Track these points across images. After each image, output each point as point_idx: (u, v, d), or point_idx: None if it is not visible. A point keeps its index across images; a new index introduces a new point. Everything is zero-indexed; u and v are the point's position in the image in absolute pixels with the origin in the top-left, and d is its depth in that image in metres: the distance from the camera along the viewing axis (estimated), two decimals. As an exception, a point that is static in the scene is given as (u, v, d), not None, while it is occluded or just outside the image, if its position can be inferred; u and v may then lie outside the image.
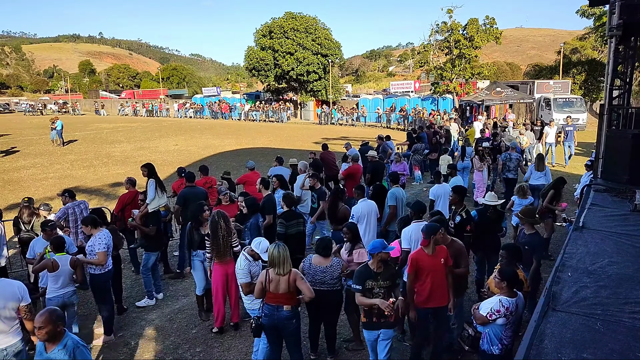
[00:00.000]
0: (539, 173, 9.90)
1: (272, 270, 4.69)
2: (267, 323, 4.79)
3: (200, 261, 6.34)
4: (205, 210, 6.36)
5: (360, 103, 40.55)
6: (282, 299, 4.71)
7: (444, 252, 4.83)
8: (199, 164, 16.62)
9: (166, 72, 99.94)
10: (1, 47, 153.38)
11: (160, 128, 34.19)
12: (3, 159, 20.08)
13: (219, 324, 6.08)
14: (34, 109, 54.09)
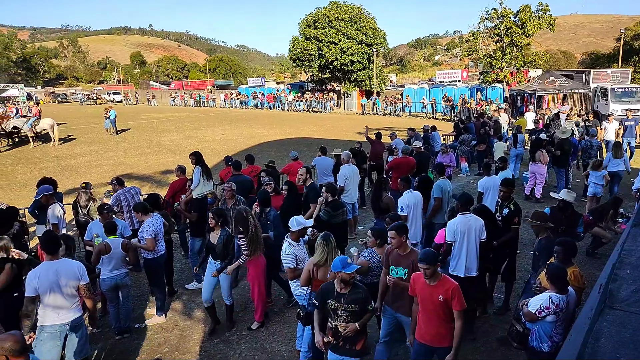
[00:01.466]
0: (618, 160, 10.04)
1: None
2: (313, 312, 4.84)
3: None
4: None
5: (405, 93, 39.93)
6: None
7: (444, 288, 4.00)
8: (244, 153, 16.92)
9: (213, 63, 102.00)
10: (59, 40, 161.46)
11: (208, 118, 35.01)
12: (61, 147, 21.19)
13: (261, 318, 6.09)
14: (89, 99, 56.75)
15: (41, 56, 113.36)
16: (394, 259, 4.60)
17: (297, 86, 53.21)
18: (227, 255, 5.82)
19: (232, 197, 7.00)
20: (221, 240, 5.74)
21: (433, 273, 3.98)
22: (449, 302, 3.98)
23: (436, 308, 4.04)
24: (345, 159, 8.99)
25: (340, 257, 4.12)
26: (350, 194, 8.78)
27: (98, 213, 6.62)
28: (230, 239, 5.83)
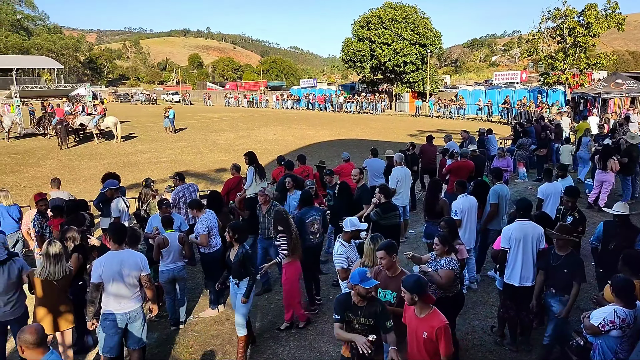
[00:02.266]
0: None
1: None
2: (364, 313, 4.82)
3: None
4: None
5: (460, 94, 38.95)
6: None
7: (430, 324, 3.52)
8: (295, 153, 17.13)
9: (266, 64, 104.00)
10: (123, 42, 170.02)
11: (260, 118, 35.71)
12: (123, 144, 22.30)
13: (304, 318, 6.06)
14: (150, 99, 59.37)
15: (106, 57, 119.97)
16: (382, 280, 4.27)
17: (348, 87, 53.21)
18: (244, 274, 5.24)
19: (266, 202, 6.63)
20: (237, 258, 5.20)
21: (414, 301, 3.56)
22: (434, 342, 3.49)
23: (419, 345, 3.60)
24: (397, 160, 8.89)
25: (360, 269, 3.89)
26: (402, 196, 8.67)
27: (158, 207, 6.92)
28: (247, 257, 5.23)
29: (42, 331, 3.21)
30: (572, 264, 4.73)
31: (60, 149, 20.43)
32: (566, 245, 4.84)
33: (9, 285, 4.80)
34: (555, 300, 4.83)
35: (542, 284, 5.01)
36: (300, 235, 6.03)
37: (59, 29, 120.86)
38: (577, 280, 4.69)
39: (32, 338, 3.09)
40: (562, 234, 4.82)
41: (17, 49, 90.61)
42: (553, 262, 4.85)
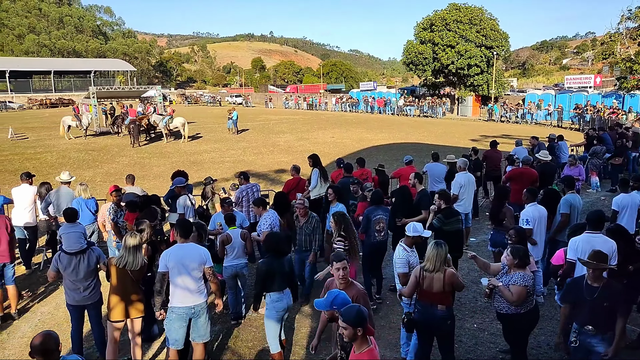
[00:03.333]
0: None
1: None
2: (420, 320, 4.75)
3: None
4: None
5: (527, 99, 37.27)
6: (435, 297, 4.61)
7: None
8: (353, 156, 17.13)
9: (326, 67, 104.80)
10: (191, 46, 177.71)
11: (319, 121, 36.05)
12: (190, 143, 23.30)
13: None
14: (214, 101, 61.66)
15: (175, 61, 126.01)
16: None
17: (408, 90, 52.48)
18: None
19: (305, 214, 6.38)
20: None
21: (354, 337, 3.08)
22: None
23: None
24: (461, 166, 8.66)
25: (331, 291, 3.57)
26: (465, 203, 8.43)
27: (220, 205, 7.18)
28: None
29: (54, 339, 3.18)
30: (612, 295, 4.11)
31: (132, 147, 21.69)
32: (601, 275, 4.23)
33: (88, 272, 5.18)
34: (597, 340, 4.19)
35: (567, 319, 4.50)
36: (366, 233, 6.06)
37: (133, 33, 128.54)
38: (622, 313, 4.10)
39: (40, 345, 3.11)
40: (598, 262, 4.19)
41: (95, 52, 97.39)
42: (587, 295, 4.19)
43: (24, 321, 6.43)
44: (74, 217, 5.68)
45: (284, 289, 5.00)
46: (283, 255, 5.08)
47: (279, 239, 5.17)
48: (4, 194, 8.47)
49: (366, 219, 6.42)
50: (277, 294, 4.96)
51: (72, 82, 72.04)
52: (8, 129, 25.74)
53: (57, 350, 3.17)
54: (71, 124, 24.28)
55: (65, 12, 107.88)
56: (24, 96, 58.55)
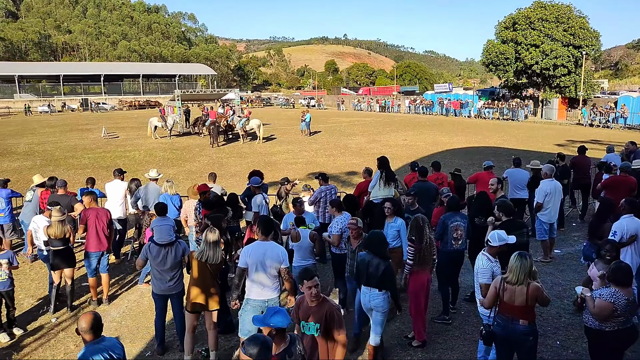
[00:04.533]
0: None
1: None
2: (499, 333, 4.51)
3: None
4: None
5: (620, 101, 34.32)
6: (517, 311, 4.35)
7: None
8: (426, 159, 16.74)
9: (400, 69, 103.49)
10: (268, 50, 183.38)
11: (392, 123, 35.63)
12: (265, 144, 24.00)
13: (423, 337, 5.72)
14: (288, 103, 63.10)
15: (252, 65, 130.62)
16: (303, 311, 3.91)
17: (487, 92, 50.37)
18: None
19: (358, 235, 5.65)
20: None
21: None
22: None
23: None
24: (547, 173, 8.13)
25: (270, 307, 3.53)
26: (550, 212, 7.92)
27: (292, 205, 7.30)
28: None
29: (96, 319, 3.59)
30: None
31: (211, 147, 22.74)
32: None
33: (174, 263, 5.50)
34: None
35: None
36: (442, 240, 5.85)
37: (214, 39, 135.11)
38: None
39: (85, 325, 3.50)
40: None
41: (180, 57, 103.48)
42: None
43: (113, 307, 6.94)
44: (165, 211, 6.08)
45: (370, 286, 5.06)
46: (382, 257, 5.05)
47: (379, 239, 5.21)
48: (98, 188, 9.23)
49: (442, 226, 6.18)
50: (364, 288, 5.15)
51: (159, 85, 77.16)
52: (101, 128, 28.06)
53: (99, 330, 3.58)
54: (157, 125, 25.99)
55: (154, 20, 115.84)
56: (115, 98, 63.56)
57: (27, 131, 31.36)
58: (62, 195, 7.85)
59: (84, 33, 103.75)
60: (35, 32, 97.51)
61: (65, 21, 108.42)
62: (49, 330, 6.30)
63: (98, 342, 3.57)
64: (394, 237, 6.21)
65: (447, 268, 6.26)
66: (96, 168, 17.33)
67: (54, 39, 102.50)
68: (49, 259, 6.68)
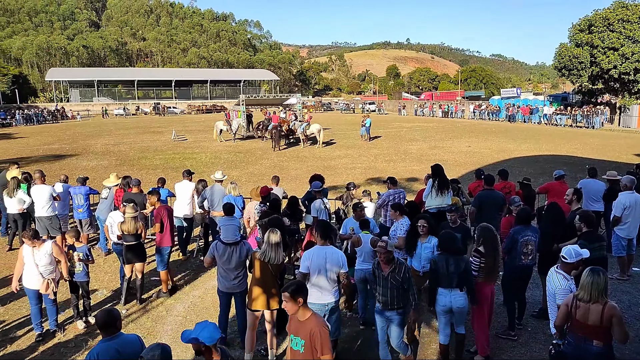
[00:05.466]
0: None
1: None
2: (570, 353, 4.23)
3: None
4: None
5: None
6: (591, 331, 4.06)
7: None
8: (492, 167, 16.13)
9: (464, 73, 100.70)
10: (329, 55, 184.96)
11: (455, 129, 34.70)
12: (324, 149, 24.18)
13: (486, 352, 5.46)
14: (348, 108, 63.25)
15: (314, 70, 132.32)
16: (293, 326, 3.80)
17: (558, 98, 47.78)
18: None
19: (389, 261, 4.94)
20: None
21: None
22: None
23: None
24: (627, 184, 7.58)
25: (199, 323, 3.43)
26: (629, 227, 7.37)
27: (352, 210, 7.29)
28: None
29: (115, 314, 3.77)
30: None
31: (273, 150, 23.25)
32: None
33: (239, 262, 5.68)
34: None
35: None
36: (509, 254, 5.60)
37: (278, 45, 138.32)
38: None
39: (97, 322, 3.74)
40: None
41: (245, 63, 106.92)
42: None
43: (179, 302, 7.26)
44: (232, 211, 6.32)
45: (452, 287, 5.05)
46: (458, 253, 5.12)
47: (453, 238, 5.24)
48: (168, 188, 9.72)
49: (512, 240, 5.89)
50: (443, 290, 5.09)
51: (225, 90, 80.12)
52: (172, 131, 29.53)
53: (111, 327, 3.70)
54: (222, 128, 26.99)
55: (222, 27, 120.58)
56: (184, 102, 66.70)
57: (104, 132, 33.66)
58: (135, 193, 8.34)
59: (157, 40, 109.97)
60: (114, 39, 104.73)
61: (140, 29, 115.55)
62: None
63: (111, 339, 3.66)
64: (429, 259, 5.63)
65: (514, 282, 5.98)
66: (166, 169, 18.25)
67: (130, 46, 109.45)
68: (122, 253, 7.12)
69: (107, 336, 3.69)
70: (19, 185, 9.11)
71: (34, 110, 49.98)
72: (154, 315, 6.85)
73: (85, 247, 6.68)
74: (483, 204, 7.69)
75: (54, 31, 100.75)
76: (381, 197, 8.36)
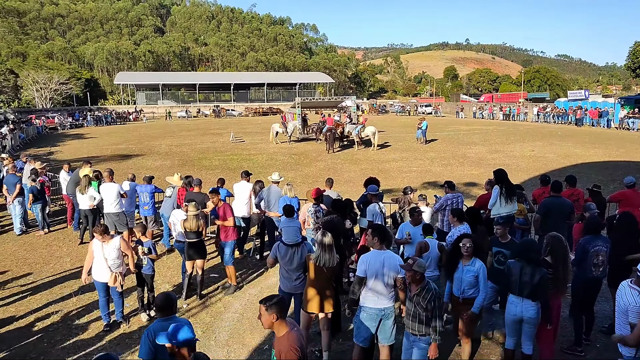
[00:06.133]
0: None
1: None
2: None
3: None
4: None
5: None
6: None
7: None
8: (557, 173, 15.35)
9: (528, 74, 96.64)
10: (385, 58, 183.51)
11: (516, 132, 33.31)
12: (379, 151, 23.98)
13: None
14: (403, 110, 62.43)
15: (369, 72, 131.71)
16: (275, 339, 3.72)
17: (631, 100, 44.62)
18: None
19: (417, 280, 4.56)
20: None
21: None
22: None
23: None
24: None
25: (173, 324, 3.56)
26: None
27: (410, 215, 7.17)
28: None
29: (172, 297, 4.18)
30: None
31: (327, 153, 23.36)
32: None
33: (300, 264, 5.74)
34: None
35: None
36: (579, 265, 5.30)
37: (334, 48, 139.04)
38: None
39: (162, 301, 4.07)
40: None
41: (300, 66, 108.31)
42: None
43: (236, 299, 7.46)
44: (292, 212, 6.43)
45: (523, 296, 4.90)
46: (535, 263, 4.93)
47: (533, 247, 5.09)
48: (227, 188, 10.01)
49: (582, 251, 5.59)
50: (514, 298, 4.98)
51: (281, 93, 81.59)
52: (230, 133, 30.42)
53: (166, 309, 4.08)
54: (278, 131, 27.46)
55: (279, 32, 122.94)
56: (242, 105, 68.50)
57: (167, 134, 35.24)
58: (197, 192, 8.65)
59: (217, 45, 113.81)
60: (177, 44, 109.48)
61: (202, 34, 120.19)
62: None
63: (165, 320, 4.00)
64: (471, 285, 5.15)
65: (582, 295, 5.65)
66: (224, 169, 18.82)
67: (192, 51, 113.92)
68: (184, 250, 7.41)
69: (163, 317, 4.05)
70: (90, 183, 9.72)
71: (103, 112, 53.24)
72: (213, 311, 7.08)
73: (151, 242, 7.02)
74: (549, 212, 7.33)
75: (122, 37, 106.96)
76: (439, 201, 8.18)
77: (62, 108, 57.00)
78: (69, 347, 6.14)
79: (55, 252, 9.76)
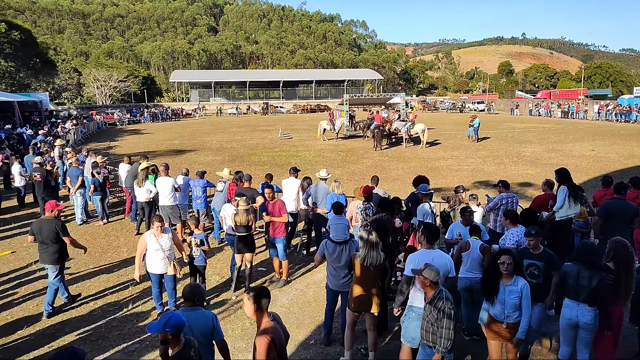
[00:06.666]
0: None
1: None
2: None
3: None
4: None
5: None
6: None
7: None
8: (620, 174, 14.53)
9: (588, 70, 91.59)
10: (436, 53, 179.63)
11: (576, 131, 31.70)
12: (428, 149, 23.53)
13: None
14: (455, 107, 60.89)
15: (419, 69, 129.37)
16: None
17: None
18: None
19: (431, 286, 4.37)
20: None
21: None
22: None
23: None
24: None
25: (165, 313, 3.74)
26: None
27: (460, 215, 6.99)
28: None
29: (197, 290, 4.33)
30: None
31: (374, 150, 23.18)
32: None
33: (348, 262, 5.70)
34: None
35: None
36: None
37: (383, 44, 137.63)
38: None
39: (187, 292, 4.21)
40: None
41: (349, 63, 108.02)
42: None
43: (283, 294, 7.57)
44: (341, 210, 6.45)
45: (579, 300, 4.74)
46: (594, 267, 4.70)
47: (592, 250, 4.88)
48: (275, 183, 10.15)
49: None
50: (569, 302, 4.83)
51: (329, 90, 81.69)
52: (278, 130, 30.83)
53: (192, 299, 4.23)
54: (326, 127, 27.53)
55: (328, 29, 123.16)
56: (290, 102, 69.17)
57: (218, 130, 36.20)
58: (247, 187, 8.84)
59: (268, 43, 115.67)
60: (230, 43, 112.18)
61: (253, 33, 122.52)
62: (230, 306, 7.17)
63: (187, 310, 4.17)
64: (516, 307, 4.64)
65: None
66: (273, 165, 19.11)
67: (244, 49, 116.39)
68: (234, 243, 7.60)
69: (187, 307, 4.26)
70: (147, 177, 10.15)
71: (159, 109, 55.38)
72: (260, 304, 7.21)
73: (203, 234, 7.25)
74: (610, 215, 6.91)
75: (177, 36, 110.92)
76: (492, 200, 7.93)
77: (120, 105, 59.84)
78: (125, 333, 6.45)
79: (113, 241, 10.28)
